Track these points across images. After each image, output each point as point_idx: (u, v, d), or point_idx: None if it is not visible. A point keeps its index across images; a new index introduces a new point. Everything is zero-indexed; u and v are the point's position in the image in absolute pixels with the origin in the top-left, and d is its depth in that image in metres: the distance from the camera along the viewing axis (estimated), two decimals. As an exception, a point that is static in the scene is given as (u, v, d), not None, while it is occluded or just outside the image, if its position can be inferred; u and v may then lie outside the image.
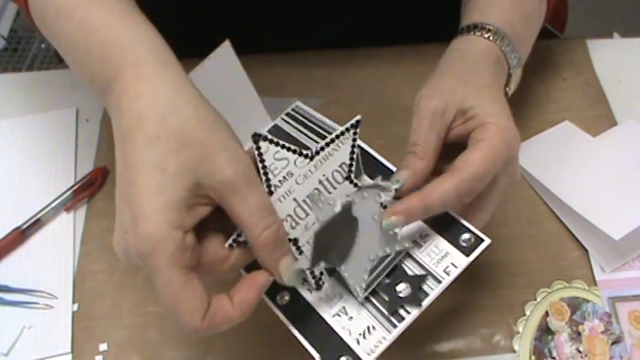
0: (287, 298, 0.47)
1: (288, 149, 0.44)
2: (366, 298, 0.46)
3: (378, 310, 0.46)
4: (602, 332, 0.55)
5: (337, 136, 0.46)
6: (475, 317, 0.57)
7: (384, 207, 0.46)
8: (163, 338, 0.57)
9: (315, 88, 0.69)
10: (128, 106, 0.42)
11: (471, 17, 0.57)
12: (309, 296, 0.47)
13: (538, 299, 0.58)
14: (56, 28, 0.48)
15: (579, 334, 0.55)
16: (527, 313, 0.57)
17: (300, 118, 0.53)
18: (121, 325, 0.57)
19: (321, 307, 0.47)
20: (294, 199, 0.45)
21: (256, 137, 0.43)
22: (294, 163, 0.45)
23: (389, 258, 0.47)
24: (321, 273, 0.47)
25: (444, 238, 0.47)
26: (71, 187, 0.64)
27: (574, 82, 0.73)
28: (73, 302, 0.58)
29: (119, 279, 0.60)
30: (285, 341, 0.48)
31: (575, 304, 0.57)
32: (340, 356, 0.44)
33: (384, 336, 0.45)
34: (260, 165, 0.43)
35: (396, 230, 0.46)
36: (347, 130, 0.46)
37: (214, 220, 0.43)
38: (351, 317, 0.46)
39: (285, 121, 0.54)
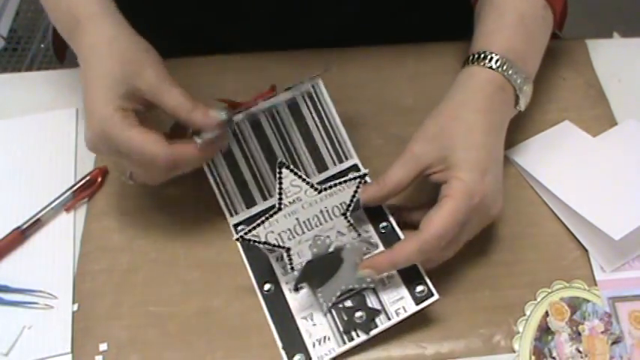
0: (272, 288, 0.57)
1: (303, 180, 0.55)
2: (330, 312, 0.56)
3: (335, 325, 0.55)
4: (602, 332, 0.55)
5: (345, 181, 0.56)
6: (475, 317, 0.57)
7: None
8: (163, 338, 0.57)
9: (315, 88, 0.68)
10: (87, 44, 0.56)
11: (477, 45, 0.61)
12: (288, 295, 0.57)
13: (538, 299, 0.58)
14: None
15: (579, 334, 0.55)
16: (527, 313, 0.57)
17: (318, 105, 0.62)
18: (121, 325, 0.57)
19: (295, 307, 0.56)
20: (297, 219, 0.56)
21: (281, 164, 0.55)
22: (305, 192, 0.55)
23: (356, 288, 0.56)
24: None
25: (404, 283, 0.56)
26: (71, 187, 0.64)
27: (574, 82, 0.73)
28: (73, 302, 0.58)
29: (119, 279, 0.60)
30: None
31: (575, 304, 0.57)
32: (297, 352, 0.54)
33: (334, 348, 0.55)
34: (278, 185, 0.55)
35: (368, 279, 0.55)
36: (354, 178, 0.56)
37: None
38: (315, 324, 0.56)
39: (305, 101, 0.62)
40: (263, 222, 0.55)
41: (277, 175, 0.54)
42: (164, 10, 0.76)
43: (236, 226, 0.60)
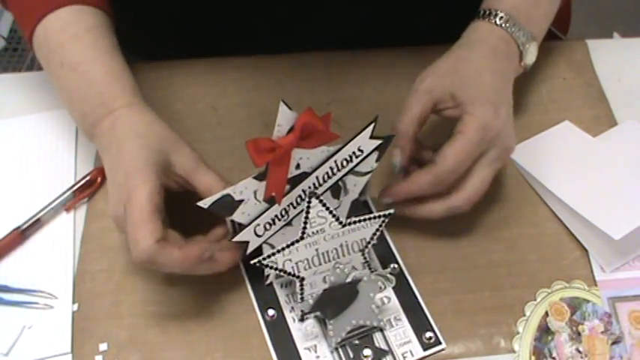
0: (275, 315, 0.57)
1: (330, 212, 0.54)
2: (336, 348, 0.55)
3: None
4: (602, 332, 0.55)
5: (370, 218, 0.55)
6: (475, 318, 0.57)
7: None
8: (163, 338, 0.57)
9: (316, 89, 0.69)
10: (122, 127, 0.57)
11: (485, 3, 0.65)
12: (292, 323, 0.57)
13: (538, 299, 0.58)
14: (58, 72, 0.61)
15: (579, 334, 0.55)
16: (527, 313, 0.57)
17: None
18: (121, 325, 0.57)
19: (298, 337, 0.56)
20: (316, 250, 0.55)
21: (311, 194, 0.53)
22: (329, 224, 0.54)
23: (367, 326, 0.56)
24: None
25: (412, 328, 0.57)
26: (71, 187, 0.64)
27: (574, 82, 0.73)
28: (73, 302, 0.58)
29: (119, 279, 0.60)
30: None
31: (575, 304, 0.57)
32: None
33: None
34: (305, 214, 0.53)
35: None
36: (379, 217, 0.55)
37: None
38: (318, 356, 0.55)
39: None
40: (283, 249, 0.53)
41: (306, 204, 0.53)
42: (165, 13, 0.76)
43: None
